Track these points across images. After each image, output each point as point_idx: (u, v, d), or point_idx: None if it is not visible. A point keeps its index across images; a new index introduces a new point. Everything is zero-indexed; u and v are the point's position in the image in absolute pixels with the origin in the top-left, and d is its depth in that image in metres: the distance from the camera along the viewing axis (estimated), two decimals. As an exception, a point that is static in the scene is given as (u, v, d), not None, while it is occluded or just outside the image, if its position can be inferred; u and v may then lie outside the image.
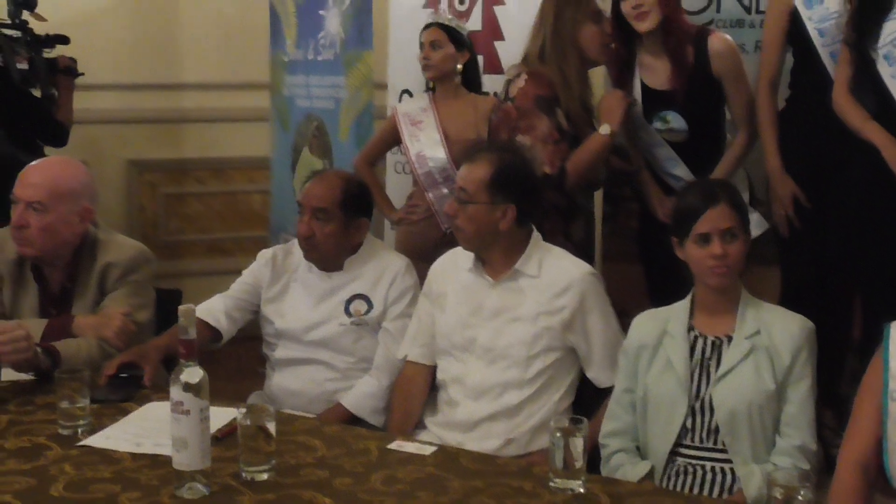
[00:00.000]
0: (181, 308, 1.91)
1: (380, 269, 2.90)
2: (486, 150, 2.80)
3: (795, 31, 3.28)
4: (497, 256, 2.67)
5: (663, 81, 3.33)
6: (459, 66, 3.84)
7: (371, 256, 2.93)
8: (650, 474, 2.35)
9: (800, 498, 1.68)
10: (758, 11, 3.72)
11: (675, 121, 3.35)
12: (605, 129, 3.15)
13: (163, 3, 5.44)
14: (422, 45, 3.84)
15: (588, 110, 3.24)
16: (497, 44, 4.05)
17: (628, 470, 2.36)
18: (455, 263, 2.77)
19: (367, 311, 2.86)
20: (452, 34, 3.82)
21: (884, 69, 2.98)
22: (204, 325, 2.83)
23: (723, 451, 2.32)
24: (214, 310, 2.92)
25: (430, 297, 2.80)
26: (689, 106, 3.32)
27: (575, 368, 2.67)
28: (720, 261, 2.33)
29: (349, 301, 2.87)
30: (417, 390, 2.75)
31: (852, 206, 3.14)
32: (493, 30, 4.07)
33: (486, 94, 3.82)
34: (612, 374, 2.56)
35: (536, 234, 2.71)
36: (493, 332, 2.63)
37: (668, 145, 3.38)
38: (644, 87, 3.37)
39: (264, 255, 3.03)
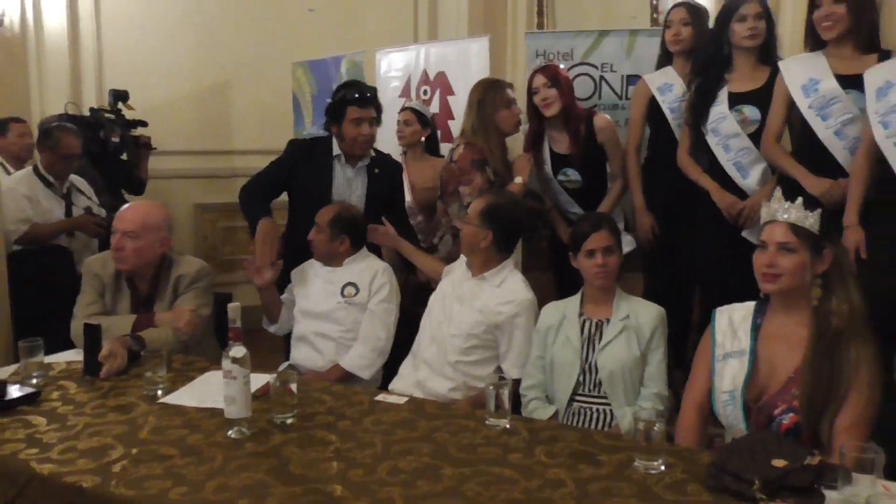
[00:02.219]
0: (230, 305, 1.91)
1: (367, 267, 2.90)
2: (490, 192, 2.79)
3: (653, 110, 3.31)
4: (476, 263, 2.64)
5: (565, 148, 3.33)
6: (423, 139, 3.86)
7: (363, 259, 2.93)
8: (556, 415, 2.36)
9: (655, 429, 1.68)
10: (626, 98, 3.74)
11: (574, 175, 3.36)
12: (518, 180, 3.15)
13: (219, 94, 5.43)
14: (398, 122, 3.86)
15: (508, 167, 3.23)
16: (450, 122, 4.08)
17: (541, 412, 2.37)
18: (460, 261, 2.77)
19: (356, 294, 2.84)
20: (420, 115, 3.84)
21: (711, 140, 3.02)
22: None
23: (605, 398, 2.34)
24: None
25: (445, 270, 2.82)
26: (583, 164, 3.33)
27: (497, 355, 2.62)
28: (602, 269, 2.36)
29: (344, 287, 2.85)
30: None
31: (695, 232, 3.15)
32: (446, 112, 4.10)
33: (442, 157, 3.81)
34: (519, 370, 2.49)
35: (511, 261, 2.66)
36: (458, 308, 2.61)
37: (569, 192, 3.39)
38: (552, 152, 3.37)
39: (292, 274, 3.04)
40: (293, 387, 2.00)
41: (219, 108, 5.44)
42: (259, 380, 2.16)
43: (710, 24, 3.22)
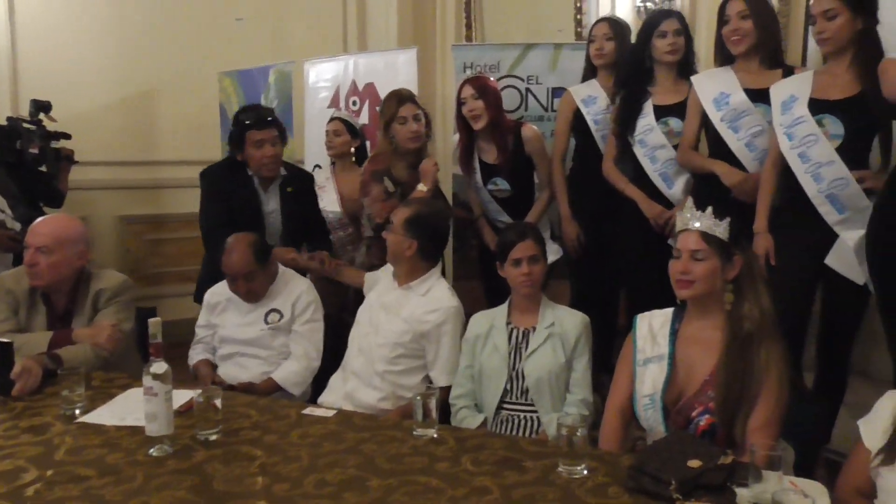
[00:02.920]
0: (150, 320, 1.87)
1: (288, 289, 2.84)
2: (416, 202, 2.76)
3: (578, 122, 3.39)
4: (402, 272, 2.64)
5: (494, 158, 3.37)
6: (353, 149, 3.85)
7: (283, 287, 2.85)
8: (484, 423, 2.38)
9: (578, 434, 1.71)
10: (552, 110, 3.82)
11: (502, 184, 3.40)
12: (421, 187, 3.12)
13: (144, 104, 5.31)
14: (327, 132, 3.84)
15: (416, 175, 3.21)
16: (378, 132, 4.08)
17: (470, 420, 2.38)
18: (386, 272, 2.76)
19: (280, 320, 2.79)
20: (349, 126, 3.84)
21: (637, 150, 3.10)
22: (208, 362, 2.86)
23: (532, 405, 2.36)
24: (204, 353, 2.91)
25: (370, 281, 2.82)
26: (511, 174, 3.37)
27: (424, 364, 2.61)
28: (527, 277, 2.39)
29: (267, 314, 2.80)
30: None
31: (620, 240, 3.21)
32: (376, 123, 4.07)
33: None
34: (447, 378, 2.51)
35: (437, 270, 2.65)
36: (384, 317, 2.60)
37: (498, 201, 3.43)
38: (481, 162, 3.41)
39: (206, 300, 2.94)
40: (217, 402, 1.96)
41: (144, 118, 5.31)
42: (183, 396, 2.11)
43: (633, 38, 3.32)
